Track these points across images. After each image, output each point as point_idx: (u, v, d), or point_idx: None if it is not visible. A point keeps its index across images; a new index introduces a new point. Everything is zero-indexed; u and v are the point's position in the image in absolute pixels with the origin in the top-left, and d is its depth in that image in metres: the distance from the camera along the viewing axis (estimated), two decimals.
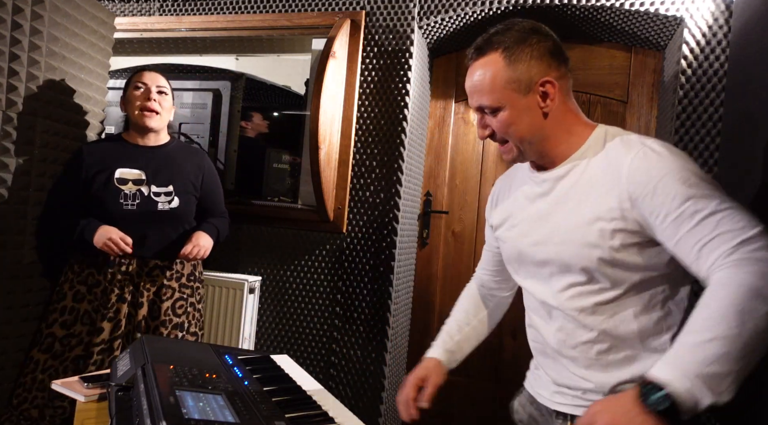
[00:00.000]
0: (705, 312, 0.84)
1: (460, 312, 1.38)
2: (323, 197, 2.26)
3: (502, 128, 1.08)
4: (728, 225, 0.88)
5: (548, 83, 1.06)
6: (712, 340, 0.79)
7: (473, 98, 1.10)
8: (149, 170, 1.86)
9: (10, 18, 1.70)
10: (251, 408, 0.97)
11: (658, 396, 0.79)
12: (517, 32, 1.07)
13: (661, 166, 0.95)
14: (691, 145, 1.93)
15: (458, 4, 2.24)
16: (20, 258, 1.81)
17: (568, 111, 1.10)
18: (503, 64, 1.05)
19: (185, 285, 1.93)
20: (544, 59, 1.06)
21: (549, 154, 1.10)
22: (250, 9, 2.54)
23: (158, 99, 1.87)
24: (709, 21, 1.93)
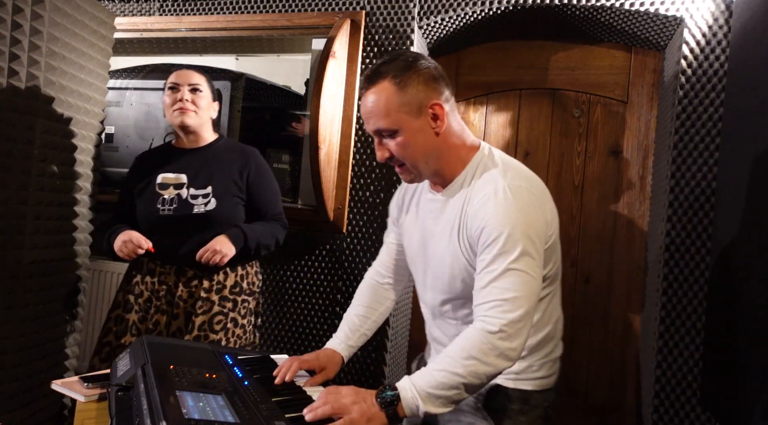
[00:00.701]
0: (452, 349, 1.06)
1: (361, 306, 1.48)
2: (323, 197, 2.26)
3: (400, 150, 1.17)
4: (501, 283, 1.06)
5: (436, 105, 1.16)
6: (440, 371, 1.03)
7: (370, 123, 1.18)
8: (190, 173, 1.79)
9: (10, 18, 1.70)
10: (251, 408, 0.97)
11: (389, 394, 1.03)
12: (402, 61, 1.16)
13: (494, 212, 1.10)
14: (691, 145, 1.93)
15: (458, 4, 2.24)
16: (20, 258, 1.81)
17: (455, 132, 1.21)
18: (394, 89, 1.14)
19: (227, 298, 1.79)
20: (430, 84, 1.16)
21: (441, 174, 1.22)
22: (250, 9, 2.54)
23: (191, 97, 1.79)
24: (709, 21, 1.93)
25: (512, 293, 1.05)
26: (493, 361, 1.03)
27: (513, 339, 1.04)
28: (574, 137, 2.41)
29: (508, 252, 1.07)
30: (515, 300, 1.05)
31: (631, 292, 2.31)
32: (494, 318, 1.04)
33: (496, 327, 1.03)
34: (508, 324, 1.03)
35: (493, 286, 1.06)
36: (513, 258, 1.06)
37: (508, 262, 1.06)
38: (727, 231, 1.74)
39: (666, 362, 1.94)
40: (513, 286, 1.05)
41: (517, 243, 1.07)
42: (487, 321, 1.05)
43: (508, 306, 1.04)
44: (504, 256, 1.07)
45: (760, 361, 1.37)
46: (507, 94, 2.50)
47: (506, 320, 1.03)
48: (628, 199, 2.33)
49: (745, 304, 1.52)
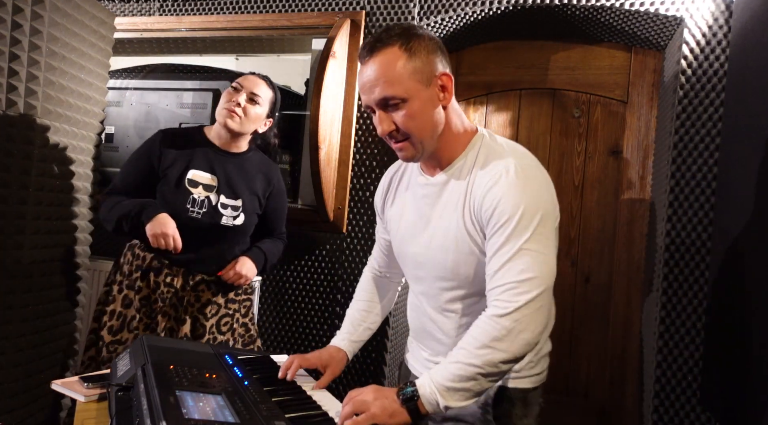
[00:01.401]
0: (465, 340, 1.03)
1: (361, 301, 1.45)
2: (323, 197, 2.26)
3: (408, 121, 1.09)
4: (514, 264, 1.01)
5: (445, 76, 1.11)
6: (456, 363, 1.00)
7: (375, 91, 1.09)
8: (221, 177, 1.77)
9: (10, 18, 1.70)
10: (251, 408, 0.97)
11: (409, 390, 1.01)
12: (406, 29, 1.10)
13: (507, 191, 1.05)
14: (691, 145, 1.93)
15: (458, 4, 2.24)
16: (20, 258, 1.81)
17: (456, 111, 1.17)
18: (405, 55, 1.07)
19: (232, 300, 1.83)
20: (437, 53, 1.11)
21: (438, 154, 1.16)
22: (250, 9, 2.54)
23: (245, 104, 1.76)
24: (709, 21, 1.93)
25: (528, 274, 1.00)
26: (509, 347, 0.99)
27: (530, 322, 0.99)
28: (574, 137, 2.41)
29: (522, 231, 1.02)
30: (531, 281, 1.00)
31: (631, 292, 2.31)
32: (507, 302, 1.00)
33: (508, 310, 0.99)
34: (524, 307, 0.99)
35: (507, 269, 1.02)
36: (527, 238, 1.02)
37: (522, 242, 1.01)
38: (727, 231, 1.74)
39: (666, 362, 1.94)
40: (528, 267, 1.00)
41: (531, 221, 1.02)
42: (498, 305, 1.01)
43: (524, 287, 1.00)
44: (518, 236, 1.02)
45: (760, 361, 1.37)
46: (507, 94, 2.50)
47: (520, 302, 0.99)
48: (628, 198, 2.33)
49: (745, 304, 1.52)
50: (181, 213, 1.70)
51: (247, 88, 1.78)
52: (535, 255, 1.01)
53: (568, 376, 2.35)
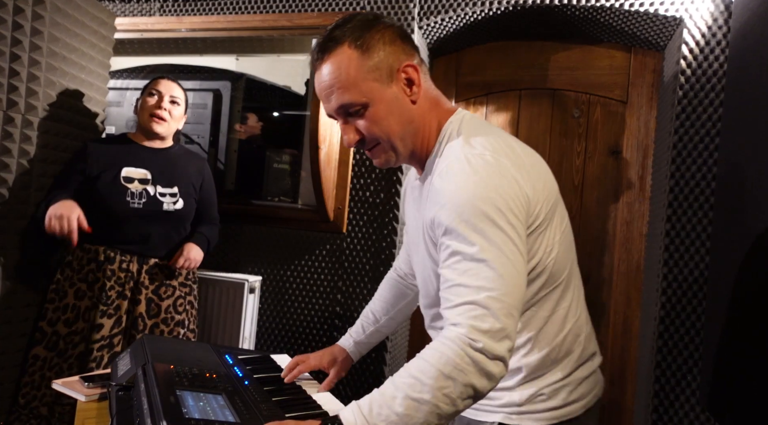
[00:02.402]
0: (417, 366, 0.82)
1: (378, 301, 1.38)
2: (323, 197, 2.26)
3: (372, 126, 0.97)
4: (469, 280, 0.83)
5: (409, 67, 0.98)
6: (403, 399, 0.79)
7: (332, 99, 0.97)
8: (154, 170, 1.91)
9: (11, 18, 1.70)
10: (251, 407, 0.97)
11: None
12: (359, 22, 0.97)
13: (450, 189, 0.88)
14: (691, 145, 1.93)
15: (458, 4, 2.24)
16: (20, 258, 1.81)
17: (432, 99, 1.03)
18: (357, 54, 0.94)
19: (184, 284, 1.97)
20: (397, 43, 0.98)
21: (417, 153, 1.02)
22: (250, 9, 2.54)
23: (169, 108, 1.94)
24: (708, 21, 1.93)
25: (485, 293, 0.81)
26: (473, 380, 0.79)
27: (494, 351, 0.80)
28: (574, 137, 2.41)
29: (472, 238, 0.84)
30: (490, 303, 0.81)
31: (631, 292, 2.32)
32: (467, 326, 0.80)
33: (473, 336, 0.80)
34: (487, 334, 0.80)
35: (460, 285, 0.83)
36: (480, 247, 0.83)
37: (473, 252, 0.83)
38: (727, 232, 1.74)
39: (666, 362, 1.94)
40: (485, 284, 0.82)
41: (481, 225, 0.84)
42: (459, 330, 0.81)
43: (482, 309, 0.81)
44: (467, 244, 0.84)
45: (760, 361, 1.37)
46: (507, 94, 2.51)
47: (483, 328, 0.80)
48: (628, 199, 2.33)
49: (745, 304, 1.52)
50: (123, 205, 1.82)
51: (167, 92, 1.94)
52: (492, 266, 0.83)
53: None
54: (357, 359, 1.36)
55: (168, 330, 1.88)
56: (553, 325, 1.00)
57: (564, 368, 1.00)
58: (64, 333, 1.79)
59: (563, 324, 1.01)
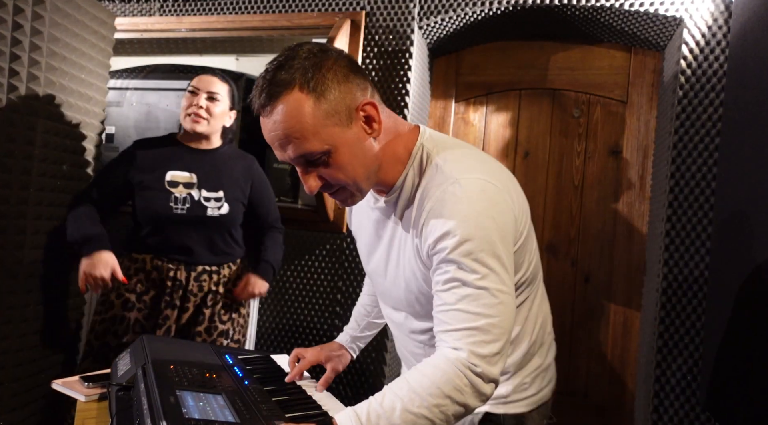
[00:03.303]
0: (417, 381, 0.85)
1: (366, 294, 1.39)
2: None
3: (337, 173, 0.92)
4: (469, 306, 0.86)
5: (368, 105, 0.92)
6: (402, 411, 0.82)
7: (288, 149, 0.89)
8: (200, 173, 1.84)
9: (11, 18, 1.70)
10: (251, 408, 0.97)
11: None
12: (306, 59, 0.88)
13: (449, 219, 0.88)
14: (691, 145, 1.93)
15: (458, 4, 2.24)
16: (21, 258, 1.81)
17: (389, 129, 0.98)
18: (311, 99, 0.86)
19: (231, 290, 1.90)
20: (350, 79, 0.90)
21: (383, 181, 0.99)
22: (250, 9, 2.54)
23: (207, 105, 1.84)
24: (708, 21, 1.93)
25: (484, 320, 0.85)
26: (468, 401, 0.84)
27: (490, 375, 0.85)
28: (574, 137, 2.41)
29: (474, 267, 0.86)
30: (490, 329, 0.85)
31: (631, 292, 2.32)
32: (467, 351, 0.84)
33: (473, 361, 0.84)
34: (486, 359, 0.84)
35: (460, 310, 0.86)
36: (481, 275, 0.86)
37: (474, 279, 0.86)
38: (727, 232, 1.74)
39: (666, 362, 1.94)
40: (485, 310, 0.86)
41: (483, 255, 0.87)
42: (460, 354, 0.85)
43: (482, 335, 0.85)
44: (468, 273, 0.87)
45: (760, 361, 1.37)
46: (507, 94, 2.51)
47: (482, 353, 0.84)
48: (628, 199, 2.33)
49: (745, 304, 1.52)
50: (167, 211, 1.78)
51: (204, 89, 1.85)
52: (491, 295, 0.86)
53: (567, 376, 2.35)
54: (356, 354, 1.36)
55: (210, 340, 1.83)
56: (529, 323, 1.08)
57: (539, 358, 1.10)
58: (114, 345, 1.76)
59: (536, 320, 1.09)
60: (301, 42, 0.94)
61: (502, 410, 1.06)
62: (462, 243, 0.87)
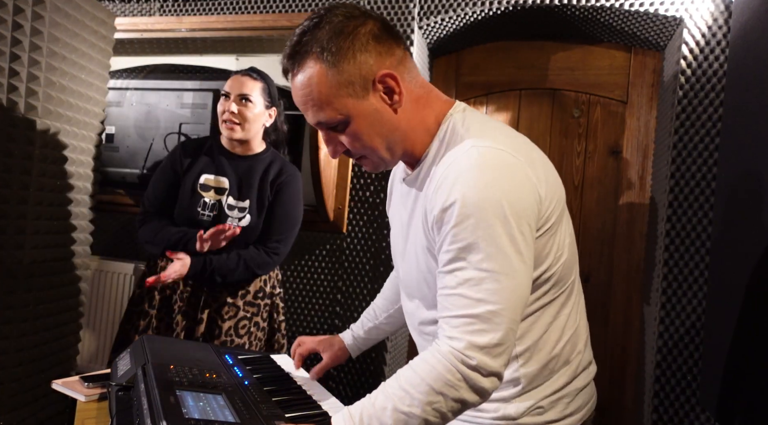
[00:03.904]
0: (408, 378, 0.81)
1: (381, 298, 1.35)
2: (323, 197, 2.26)
3: (354, 142, 0.91)
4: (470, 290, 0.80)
5: (387, 76, 0.88)
6: (393, 411, 0.79)
7: (308, 114, 0.92)
8: (232, 179, 1.78)
9: (11, 18, 1.70)
10: (251, 407, 0.97)
11: None
12: (329, 25, 0.87)
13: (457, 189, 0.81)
14: (691, 145, 1.93)
15: (458, 4, 2.24)
16: (20, 258, 1.81)
17: (419, 99, 0.94)
18: (324, 69, 0.86)
19: (251, 303, 1.81)
20: (371, 49, 0.87)
21: (410, 153, 0.96)
22: (250, 9, 2.54)
23: (239, 109, 1.74)
24: (708, 21, 1.93)
25: (485, 307, 0.78)
26: (464, 396, 0.79)
27: (489, 368, 0.78)
28: (574, 137, 2.41)
29: (479, 245, 0.79)
30: (491, 317, 0.78)
31: (631, 292, 2.31)
32: (464, 341, 0.79)
33: (468, 352, 0.78)
34: (484, 350, 0.78)
35: (460, 295, 0.80)
36: (485, 255, 0.79)
37: (478, 260, 0.79)
38: (727, 232, 1.74)
39: (666, 362, 1.94)
40: (487, 296, 0.79)
41: (490, 232, 0.79)
42: (454, 344, 0.79)
43: (481, 324, 0.78)
44: (472, 252, 0.79)
45: (760, 361, 1.37)
46: (507, 94, 2.51)
47: (480, 344, 0.78)
48: (628, 199, 2.33)
49: (745, 304, 1.52)
50: (194, 216, 1.75)
51: (235, 92, 1.76)
52: (497, 279, 0.79)
53: None
54: (355, 354, 1.35)
55: None
56: (553, 333, 0.95)
57: (561, 378, 0.96)
58: (132, 337, 1.77)
59: (563, 332, 0.97)
60: (337, 3, 0.92)
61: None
62: (467, 217, 0.80)
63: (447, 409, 0.79)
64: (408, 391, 0.79)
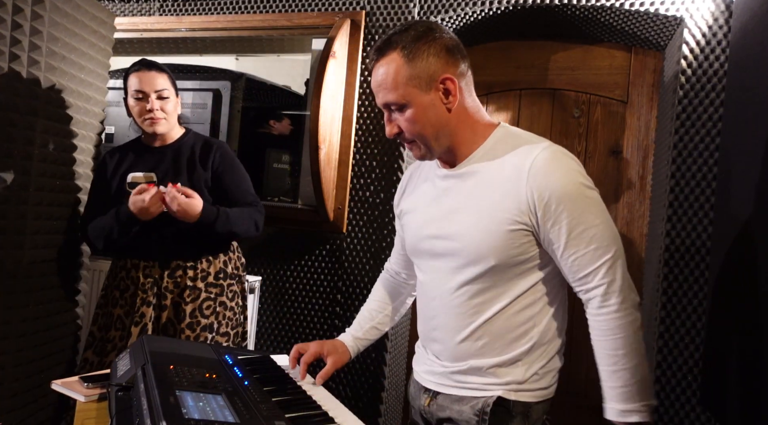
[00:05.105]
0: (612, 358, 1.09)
1: (373, 300, 1.44)
2: (323, 197, 2.26)
3: (409, 125, 1.11)
4: (599, 241, 1.06)
5: (448, 80, 1.09)
6: (625, 387, 1.08)
7: (379, 96, 1.13)
8: (160, 170, 1.82)
9: (10, 18, 1.70)
10: (251, 408, 0.97)
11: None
12: (414, 31, 1.10)
13: (559, 174, 1.07)
14: (691, 145, 1.93)
15: (458, 4, 2.24)
16: (20, 258, 1.81)
17: (470, 109, 1.15)
18: (402, 61, 1.08)
19: (213, 284, 1.85)
20: (441, 56, 1.09)
21: (454, 152, 1.15)
22: (250, 9, 2.54)
23: (160, 105, 1.80)
24: (709, 21, 1.93)
25: (612, 249, 1.07)
26: (639, 333, 1.08)
27: (636, 309, 1.08)
28: (574, 137, 2.41)
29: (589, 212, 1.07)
30: (618, 255, 1.07)
31: None
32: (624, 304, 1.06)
33: (632, 314, 1.07)
34: (625, 279, 1.07)
35: (595, 249, 1.06)
36: (594, 216, 1.07)
37: (593, 218, 1.07)
38: (727, 231, 1.73)
39: (666, 362, 1.94)
40: (609, 241, 1.07)
41: (593, 195, 1.10)
42: (621, 310, 1.06)
43: (618, 258, 1.07)
44: (588, 217, 1.06)
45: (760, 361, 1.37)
46: (507, 94, 2.50)
47: (622, 276, 1.07)
48: (628, 199, 2.33)
49: (746, 304, 1.52)
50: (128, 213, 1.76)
51: (151, 89, 1.79)
52: (605, 228, 1.07)
53: (567, 376, 2.35)
54: (354, 354, 1.38)
55: (194, 335, 1.79)
56: (560, 308, 1.19)
57: (551, 352, 1.19)
58: (98, 338, 1.83)
59: (564, 308, 1.20)
60: (420, 21, 1.19)
61: (514, 397, 1.14)
62: (577, 189, 1.06)
63: (641, 349, 1.07)
64: (626, 368, 1.07)
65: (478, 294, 1.13)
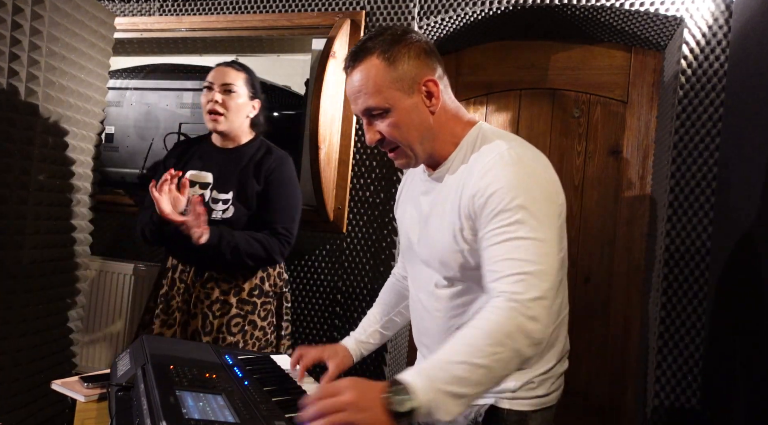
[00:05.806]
0: (469, 334, 0.89)
1: (378, 304, 1.44)
2: (323, 197, 2.26)
3: (392, 130, 1.08)
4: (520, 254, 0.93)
5: (430, 82, 1.08)
6: (461, 363, 0.85)
7: (358, 102, 1.09)
8: (216, 173, 1.78)
9: (10, 18, 1.70)
10: (251, 408, 0.97)
11: (402, 398, 0.83)
12: (390, 35, 1.08)
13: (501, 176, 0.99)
14: (691, 145, 1.93)
15: (458, 4, 2.24)
16: (20, 258, 1.81)
17: (450, 111, 1.13)
18: (383, 65, 1.06)
19: (245, 301, 1.77)
20: (421, 58, 1.08)
21: (435, 155, 1.13)
22: (250, 9, 2.54)
23: (222, 99, 1.75)
24: (709, 21, 1.93)
25: (535, 266, 0.91)
26: (521, 346, 0.87)
27: (540, 320, 0.88)
28: (574, 137, 2.41)
29: (525, 219, 0.94)
30: (540, 274, 0.91)
31: (631, 292, 2.31)
32: (520, 294, 0.89)
33: (524, 304, 0.88)
34: (535, 302, 0.89)
35: (512, 259, 0.93)
36: (531, 227, 0.94)
37: (526, 231, 0.94)
38: (727, 231, 1.74)
39: (666, 362, 1.94)
40: (535, 258, 0.92)
41: (533, 208, 0.96)
42: (513, 297, 0.89)
43: (534, 280, 0.90)
44: (520, 224, 0.94)
45: (760, 361, 1.37)
46: (507, 94, 2.50)
47: (532, 295, 0.89)
48: (628, 199, 2.33)
49: (746, 304, 1.52)
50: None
51: (218, 82, 1.76)
52: (541, 245, 0.93)
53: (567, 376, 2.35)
54: (357, 359, 1.37)
55: None
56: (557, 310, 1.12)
57: (551, 360, 1.14)
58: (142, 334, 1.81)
59: (558, 316, 1.14)
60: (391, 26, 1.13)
61: (507, 405, 1.11)
62: (515, 198, 0.96)
63: (509, 358, 0.87)
64: (472, 344, 0.87)
65: (457, 296, 1.12)
